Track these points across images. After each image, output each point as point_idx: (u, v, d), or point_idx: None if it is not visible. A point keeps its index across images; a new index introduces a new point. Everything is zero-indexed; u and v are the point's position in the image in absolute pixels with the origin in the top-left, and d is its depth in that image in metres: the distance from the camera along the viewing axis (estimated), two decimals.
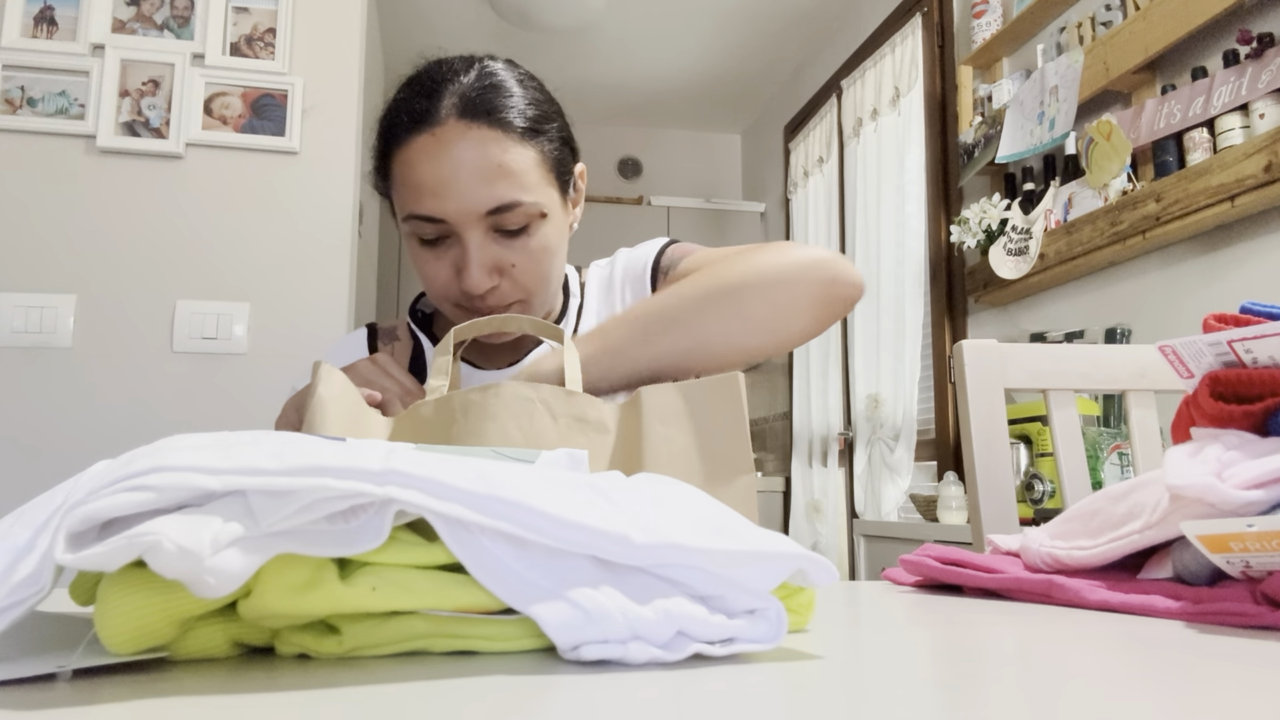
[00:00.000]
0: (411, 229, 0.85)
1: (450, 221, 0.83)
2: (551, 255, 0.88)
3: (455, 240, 0.85)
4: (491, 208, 0.82)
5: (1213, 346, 0.51)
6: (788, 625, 0.34)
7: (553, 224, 0.88)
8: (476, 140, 0.82)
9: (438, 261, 0.86)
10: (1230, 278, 1.82)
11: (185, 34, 2.11)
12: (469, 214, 0.82)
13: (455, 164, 0.81)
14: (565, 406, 0.64)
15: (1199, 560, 0.47)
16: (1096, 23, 2.12)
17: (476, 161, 0.82)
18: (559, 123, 0.90)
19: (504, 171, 0.82)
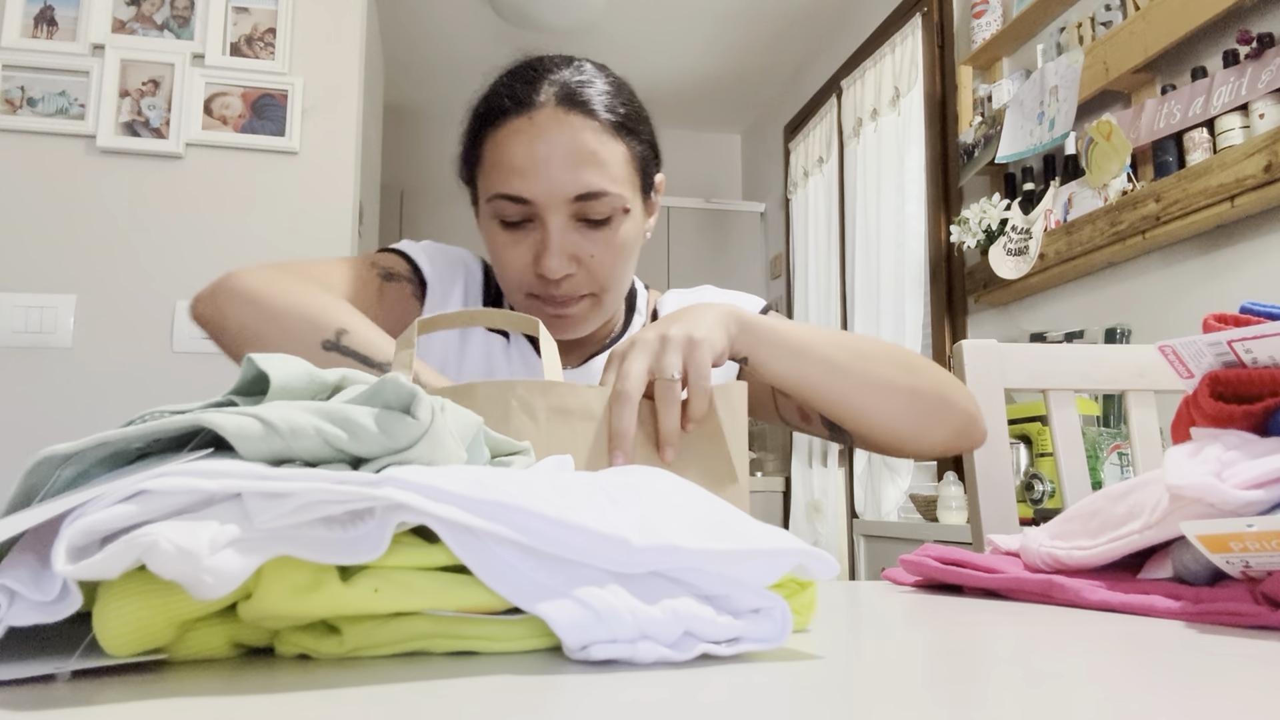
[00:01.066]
0: (495, 210, 0.86)
1: (536, 203, 0.84)
2: (628, 253, 0.89)
3: (537, 225, 0.85)
4: (579, 194, 0.83)
5: (1213, 346, 0.51)
6: (792, 625, 0.34)
7: (633, 222, 0.89)
8: (571, 127, 0.84)
9: (516, 246, 0.86)
10: (1230, 278, 1.82)
11: (185, 34, 2.11)
12: (556, 197, 0.83)
13: (548, 146, 0.83)
14: (543, 400, 0.62)
15: (1199, 560, 0.47)
16: (1096, 23, 2.12)
17: (569, 146, 0.83)
18: (647, 128, 0.92)
19: (595, 160, 0.84)
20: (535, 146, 0.83)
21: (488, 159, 0.87)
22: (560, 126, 0.84)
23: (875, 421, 0.81)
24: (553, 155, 0.83)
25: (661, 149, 0.96)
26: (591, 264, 0.86)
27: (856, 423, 0.81)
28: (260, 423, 0.31)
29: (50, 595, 0.28)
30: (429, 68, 3.98)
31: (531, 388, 0.63)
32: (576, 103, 0.85)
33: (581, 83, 0.87)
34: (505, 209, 0.85)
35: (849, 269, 3.31)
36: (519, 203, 0.84)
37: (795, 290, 3.78)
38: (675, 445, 0.65)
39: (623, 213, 0.87)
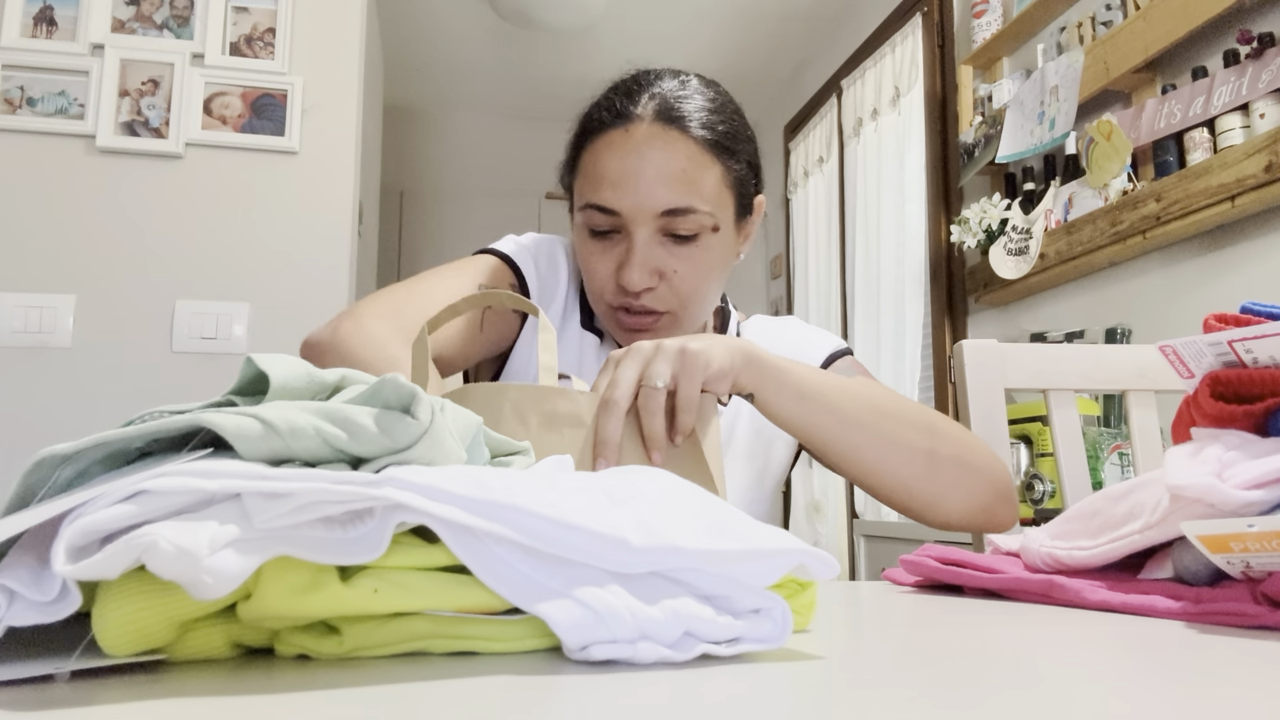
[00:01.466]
0: (585, 219, 0.87)
1: (624, 215, 0.85)
2: (714, 271, 0.89)
3: (624, 237, 0.86)
4: (666, 209, 0.84)
5: (1213, 346, 0.51)
6: (793, 625, 0.34)
7: (722, 241, 0.89)
8: (665, 142, 0.85)
9: (603, 255, 0.87)
10: (1231, 278, 1.82)
11: (185, 34, 2.11)
12: (644, 210, 0.84)
13: (640, 160, 0.84)
14: (535, 405, 0.62)
15: (1199, 560, 0.47)
16: (1097, 22, 2.12)
17: (661, 161, 0.84)
18: (748, 149, 0.92)
19: (686, 177, 0.85)
20: (628, 160, 0.84)
21: (584, 169, 0.88)
22: (653, 141, 0.84)
23: (885, 481, 0.78)
24: (644, 170, 0.84)
25: None
26: (674, 280, 0.86)
27: (864, 479, 0.78)
28: (260, 423, 0.31)
29: (50, 595, 0.28)
30: (429, 67, 3.98)
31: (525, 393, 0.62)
32: (673, 118, 0.86)
33: (681, 98, 0.87)
34: (594, 219, 0.86)
35: (849, 269, 3.31)
36: (607, 213, 0.85)
37: (795, 290, 3.78)
38: (662, 450, 0.65)
39: (711, 231, 0.87)
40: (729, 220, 0.90)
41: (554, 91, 4.13)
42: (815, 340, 1.00)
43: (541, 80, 4.08)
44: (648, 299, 0.87)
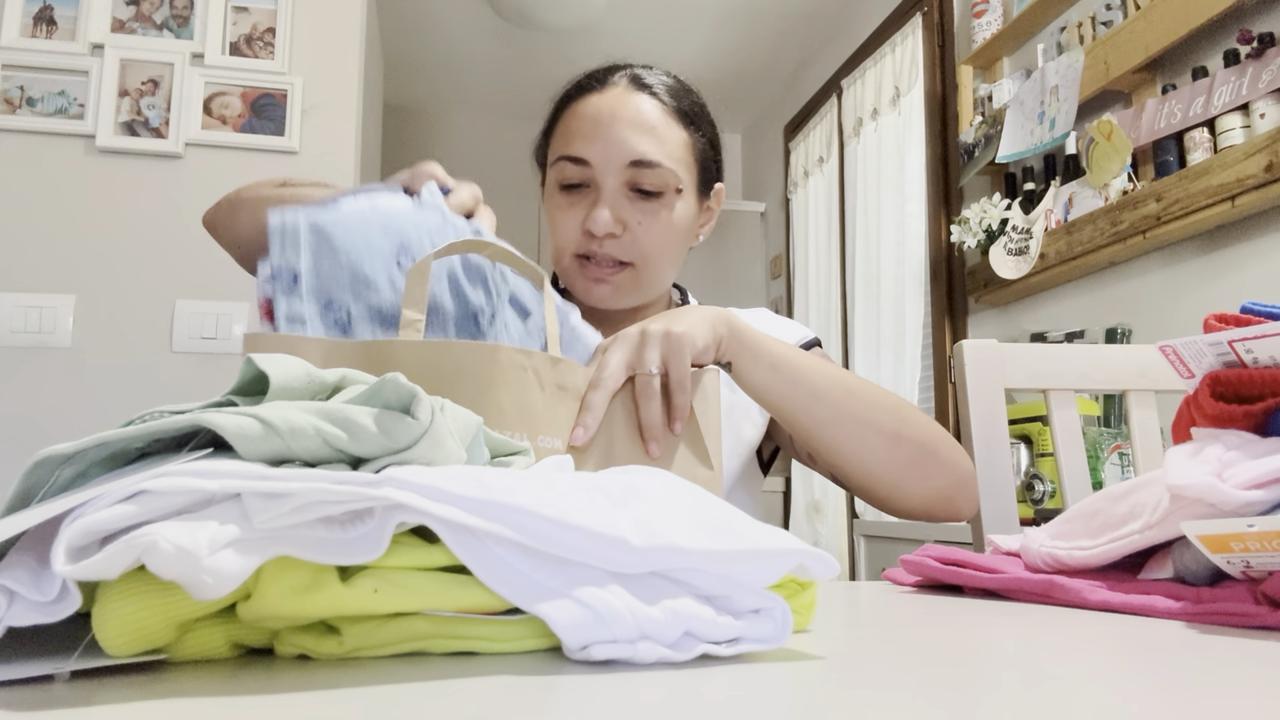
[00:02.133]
0: (557, 173, 0.91)
1: (594, 166, 0.89)
2: (675, 236, 0.93)
3: (592, 191, 0.90)
4: (634, 159, 0.88)
5: (1213, 346, 0.51)
6: (793, 625, 0.34)
7: (685, 206, 0.93)
8: (635, 100, 0.91)
9: (570, 209, 0.91)
10: (1231, 278, 1.82)
11: (185, 33, 2.11)
12: (613, 161, 0.89)
13: (612, 114, 0.90)
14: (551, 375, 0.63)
15: (1199, 560, 0.47)
16: (1097, 22, 2.12)
17: (632, 116, 0.90)
18: (711, 131, 0.98)
19: (655, 134, 0.90)
20: (600, 113, 0.90)
21: (558, 129, 0.94)
22: (626, 99, 0.91)
23: (850, 461, 0.79)
24: (615, 121, 0.89)
25: None
26: (637, 231, 0.90)
27: (831, 457, 0.79)
28: (260, 423, 0.31)
29: (50, 595, 0.28)
30: (429, 67, 3.98)
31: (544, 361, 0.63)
32: (644, 85, 0.92)
33: (652, 72, 0.95)
34: (566, 170, 0.90)
35: (849, 269, 3.31)
36: (578, 163, 0.89)
37: (795, 290, 3.78)
38: (659, 439, 0.66)
39: (675, 192, 0.91)
40: (692, 189, 0.94)
41: (554, 91, 4.13)
42: (786, 329, 1.01)
43: (542, 80, 4.07)
44: (611, 246, 0.89)
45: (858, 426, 0.78)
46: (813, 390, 0.76)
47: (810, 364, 0.78)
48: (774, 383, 0.75)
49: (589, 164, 0.89)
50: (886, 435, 0.78)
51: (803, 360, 0.78)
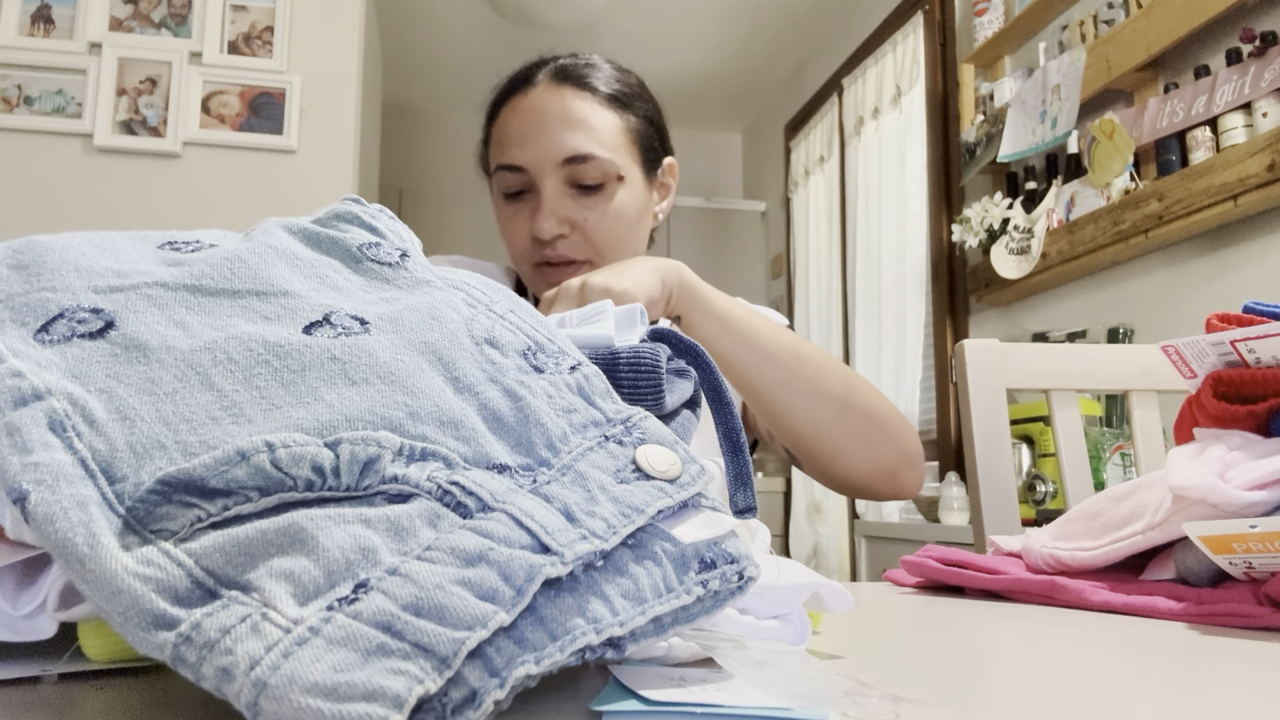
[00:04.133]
0: (497, 184, 0.91)
1: (529, 170, 0.88)
2: (627, 222, 0.91)
3: (534, 195, 0.89)
4: (567, 156, 0.87)
5: (1216, 346, 0.51)
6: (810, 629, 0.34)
7: (631, 191, 0.91)
8: (560, 96, 0.89)
9: (516, 218, 0.90)
10: (1233, 277, 1.81)
11: (183, 32, 2.10)
12: (546, 161, 0.87)
13: (539, 116, 0.88)
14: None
15: (1202, 561, 0.47)
16: (1099, 21, 2.11)
17: (558, 114, 0.88)
18: (648, 106, 0.95)
19: (584, 126, 0.88)
20: (527, 118, 0.88)
21: (493, 139, 0.92)
22: (551, 97, 0.89)
23: (797, 425, 0.78)
24: (543, 123, 0.87)
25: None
26: (585, 228, 0.88)
27: (777, 421, 0.78)
28: None
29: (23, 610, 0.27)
30: (428, 66, 3.98)
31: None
32: (569, 77, 0.90)
33: (577, 63, 0.92)
34: (505, 180, 0.89)
35: (850, 268, 3.31)
36: (515, 171, 0.88)
37: (796, 290, 3.78)
38: None
39: (616, 180, 0.89)
40: (635, 173, 0.92)
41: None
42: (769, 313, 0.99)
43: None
44: (562, 247, 0.88)
45: (806, 390, 0.76)
46: (762, 350, 0.75)
47: (762, 325, 0.77)
48: (724, 339, 0.74)
49: (524, 169, 0.88)
50: (834, 402, 0.77)
51: (755, 320, 0.77)
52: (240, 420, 0.25)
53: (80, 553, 0.22)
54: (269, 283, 0.31)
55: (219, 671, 0.20)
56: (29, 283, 0.30)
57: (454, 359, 0.29)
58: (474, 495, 0.24)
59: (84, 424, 0.25)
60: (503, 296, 0.35)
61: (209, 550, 0.22)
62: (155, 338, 0.28)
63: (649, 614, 0.24)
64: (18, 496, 0.23)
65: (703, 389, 0.35)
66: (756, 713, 0.23)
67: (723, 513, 0.28)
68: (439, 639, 0.20)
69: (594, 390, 0.30)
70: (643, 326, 0.39)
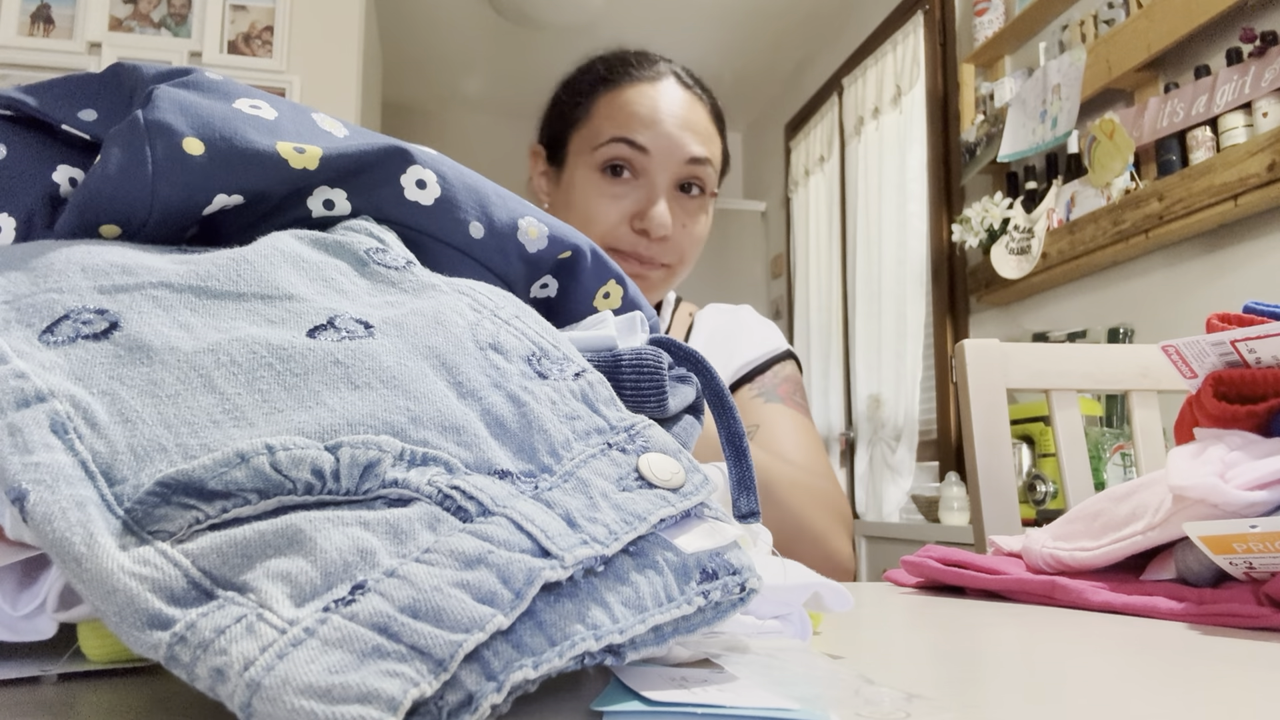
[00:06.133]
0: (608, 153, 0.87)
1: (652, 155, 0.86)
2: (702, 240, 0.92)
3: (643, 183, 0.87)
4: (693, 156, 0.87)
5: (1216, 346, 0.51)
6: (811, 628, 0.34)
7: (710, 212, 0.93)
8: (690, 100, 0.90)
9: (618, 200, 0.87)
10: (1234, 277, 1.81)
11: (183, 32, 2.10)
12: (674, 155, 0.87)
13: (672, 107, 0.88)
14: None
15: (1202, 561, 0.47)
16: (1099, 20, 2.11)
17: (690, 114, 0.89)
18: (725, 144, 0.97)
19: (705, 134, 0.90)
20: (660, 104, 0.87)
21: (602, 112, 0.89)
22: (683, 97, 0.89)
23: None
24: (675, 115, 0.87)
25: None
26: (681, 234, 0.88)
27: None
28: None
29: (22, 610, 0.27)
30: (428, 65, 3.98)
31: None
32: (693, 85, 0.92)
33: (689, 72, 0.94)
34: (618, 152, 0.86)
35: (850, 268, 3.31)
36: (637, 149, 0.86)
37: (796, 290, 3.78)
38: None
39: (710, 196, 0.91)
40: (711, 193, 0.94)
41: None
42: (758, 336, 0.98)
43: (541, 78, 4.07)
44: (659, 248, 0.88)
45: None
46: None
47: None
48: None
49: (648, 152, 0.86)
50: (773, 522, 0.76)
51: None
52: (241, 423, 0.25)
53: (77, 552, 0.22)
54: (274, 286, 0.31)
55: (213, 672, 0.20)
56: (35, 284, 0.30)
57: (458, 364, 0.29)
58: (474, 500, 0.24)
59: (86, 426, 0.25)
60: (508, 302, 0.35)
61: (206, 551, 0.22)
62: (159, 339, 0.28)
63: (649, 622, 0.24)
64: (17, 496, 0.23)
65: (705, 394, 0.35)
66: (759, 713, 0.23)
67: (726, 523, 0.28)
68: (436, 641, 0.20)
69: (598, 397, 0.30)
70: (643, 333, 0.39)
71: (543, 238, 0.41)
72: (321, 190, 0.38)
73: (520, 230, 0.41)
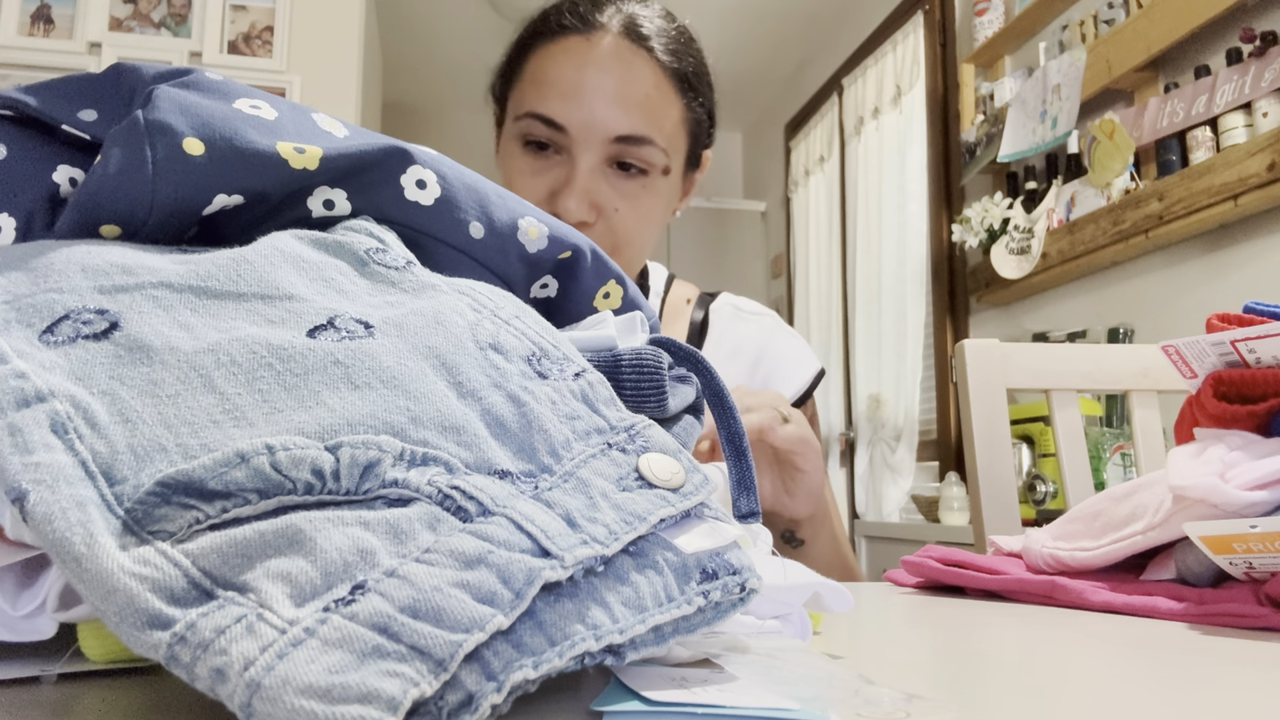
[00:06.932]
0: (523, 129, 0.77)
1: (571, 133, 0.75)
2: (656, 220, 0.80)
3: (565, 160, 0.76)
4: (622, 134, 0.75)
5: (1216, 346, 0.51)
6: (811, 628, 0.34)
7: (669, 188, 0.80)
8: (630, 61, 0.75)
9: (535, 177, 0.77)
10: (1233, 277, 1.81)
11: (183, 32, 2.10)
12: (595, 132, 0.74)
13: (601, 73, 0.74)
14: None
15: (1202, 561, 0.47)
16: (1099, 20, 2.11)
17: (623, 82, 0.75)
18: (709, 94, 0.84)
19: (648, 104, 0.76)
20: (586, 71, 0.74)
21: (528, 73, 0.78)
22: (620, 57, 0.75)
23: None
24: (604, 85, 0.74)
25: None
26: (614, 219, 0.76)
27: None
28: None
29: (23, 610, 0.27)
30: (428, 66, 3.98)
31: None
32: (641, 36, 0.77)
33: (649, 18, 0.79)
34: (535, 129, 0.76)
35: (850, 268, 3.31)
36: (552, 127, 0.75)
37: (796, 290, 3.78)
38: None
39: (661, 173, 0.78)
40: (678, 167, 0.81)
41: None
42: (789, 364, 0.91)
43: None
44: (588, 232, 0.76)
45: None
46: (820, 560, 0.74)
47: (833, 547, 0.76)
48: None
49: (565, 130, 0.75)
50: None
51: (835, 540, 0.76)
52: (241, 423, 0.25)
53: (77, 552, 0.22)
54: (274, 286, 0.31)
55: (213, 672, 0.20)
56: (35, 284, 0.30)
57: (458, 364, 0.29)
58: (474, 500, 0.24)
59: (86, 426, 0.25)
60: (508, 302, 0.35)
61: (206, 551, 0.22)
62: (159, 339, 0.28)
63: (649, 622, 0.24)
64: (17, 496, 0.23)
65: (705, 394, 0.36)
66: (759, 713, 0.23)
67: (726, 523, 0.28)
68: (436, 641, 0.20)
69: (598, 397, 0.30)
70: (643, 333, 0.39)
71: (543, 238, 0.41)
72: (321, 190, 0.38)
73: (520, 230, 0.41)
